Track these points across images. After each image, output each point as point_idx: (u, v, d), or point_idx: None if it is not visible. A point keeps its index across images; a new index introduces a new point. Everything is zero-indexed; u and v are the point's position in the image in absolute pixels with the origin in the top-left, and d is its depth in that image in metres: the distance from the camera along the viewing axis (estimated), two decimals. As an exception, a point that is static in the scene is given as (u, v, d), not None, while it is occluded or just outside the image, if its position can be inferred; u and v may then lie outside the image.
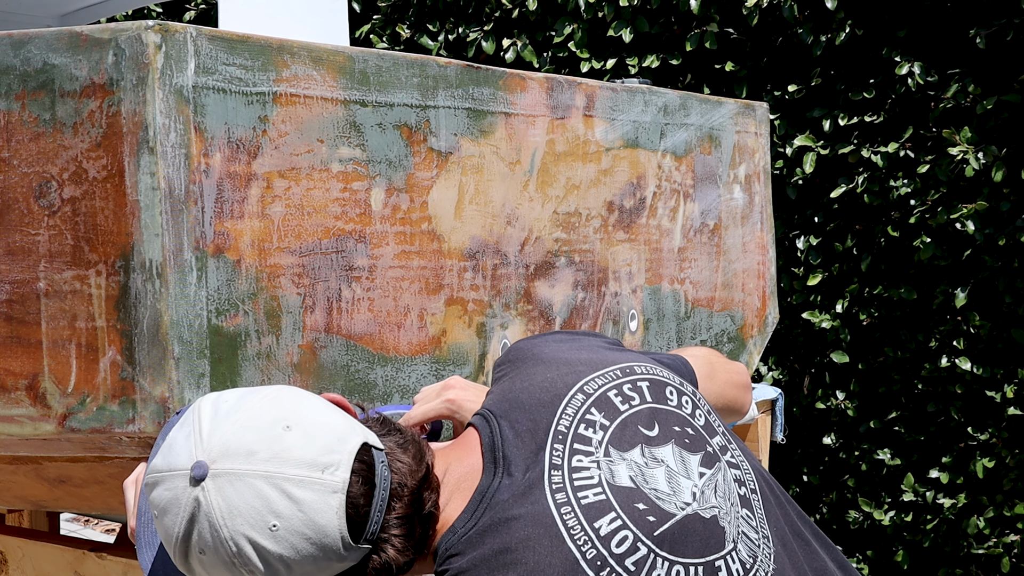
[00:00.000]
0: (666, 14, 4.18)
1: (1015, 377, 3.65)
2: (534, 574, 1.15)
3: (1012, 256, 3.61)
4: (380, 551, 1.18)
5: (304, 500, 1.12)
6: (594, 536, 1.18)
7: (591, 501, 1.20)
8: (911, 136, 3.76)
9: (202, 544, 1.12)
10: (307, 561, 1.12)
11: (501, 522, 1.19)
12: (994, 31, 3.57)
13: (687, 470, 1.26)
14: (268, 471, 1.12)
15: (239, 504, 1.11)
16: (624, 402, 1.29)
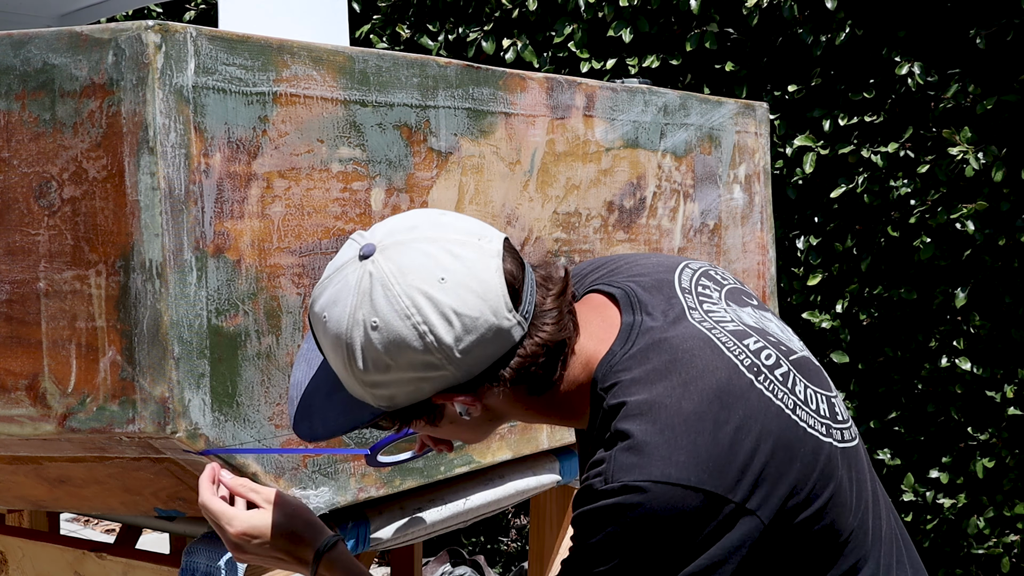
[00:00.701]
0: (666, 14, 4.18)
1: (1015, 377, 3.65)
2: (704, 373, 1.23)
3: (1012, 256, 3.61)
4: (534, 334, 1.24)
5: (467, 258, 1.20)
6: (745, 349, 1.27)
7: (733, 328, 1.30)
8: (911, 136, 3.76)
9: (376, 313, 1.18)
10: (476, 320, 1.19)
11: (659, 342, 1.27)
12: (994, 31, 3.57)
13: (788, 334, 1.38)
14: (431, 236, 1.21)
15: (408, 264, 1.19)
16: (722, 277, 1.41)
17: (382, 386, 1.22)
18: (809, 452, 1.24)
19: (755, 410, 1.22)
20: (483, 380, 1.23)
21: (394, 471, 1.71)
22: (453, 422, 1.29)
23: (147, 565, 1.67)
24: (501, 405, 1.28)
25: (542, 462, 2.10)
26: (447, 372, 1.21)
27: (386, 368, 1.20)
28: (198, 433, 1.42)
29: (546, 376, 1.26)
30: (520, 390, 1.26)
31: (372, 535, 1.72)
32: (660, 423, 1.20)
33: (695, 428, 1.20)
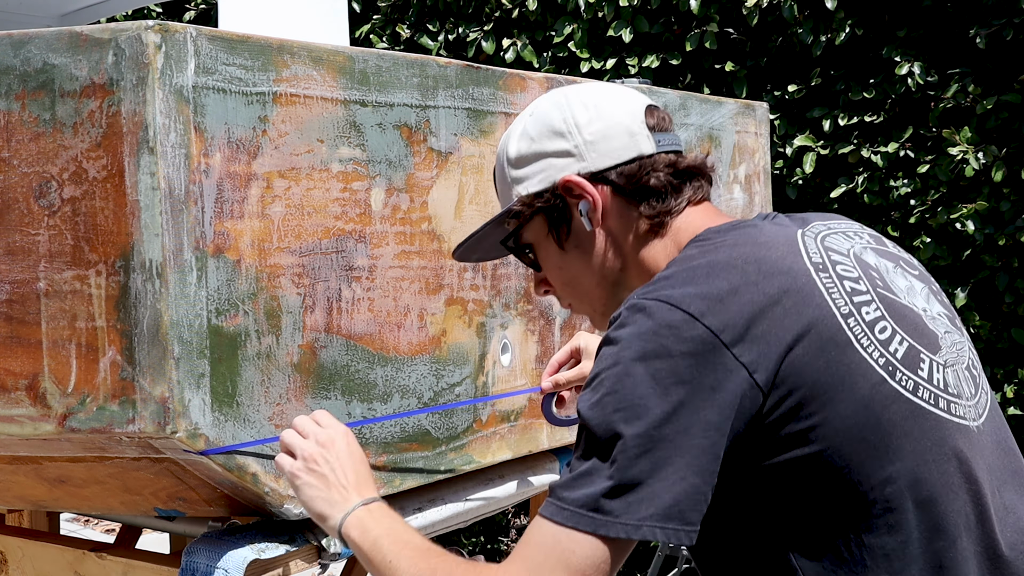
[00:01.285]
0: (666, 14, 4.18)
1: (1015, 377, 3.65)
2: (758, 245, 1.23)
3: (1012, 256, 3.61)
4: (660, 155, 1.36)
5: (624, 87, 1.43)
6: (824, 254, 1.25)
7: (833, 246, 1.27)
8: (911, 136, 3.76)
9: (537, 106, 1.40)
10: (610, 114, 1.36)
11: (748, 226, 1.30)
12: (994, 31, 3.57)
13: (927, 302, 1.29)
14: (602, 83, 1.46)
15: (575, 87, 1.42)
16: (896, 249, 1.38)
17: (521, 169, 1.38)
18: (836, 350, 1.16)
19: (798, 290, 1.18)
20: (606, 175, 1.34)
21: (394, 471, 1.71)
22: (579, 244, 1.37)
23: (147, 565, 1.67)
24: (619, 229, 1.35)
25: (542, 462, 2.10)
26: (575, 157, 1.35)
27: (529, 143, 1.38)
28: (198, 433, 1.42)
29: (663, 195, 1.34)
30: (634, 215, 1.35)
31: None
32: (685, 266, 1.23)
33: (719, 275, 1.19)
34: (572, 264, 1.39)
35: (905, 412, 1.17)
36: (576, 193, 1.35)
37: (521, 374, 1.96)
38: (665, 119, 1.39)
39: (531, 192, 1.37)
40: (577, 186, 1.35)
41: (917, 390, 1.19)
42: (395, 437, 1.71)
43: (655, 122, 1.37)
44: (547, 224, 1.38)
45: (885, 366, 1.18)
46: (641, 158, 1.35)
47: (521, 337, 1.96)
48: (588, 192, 1.34)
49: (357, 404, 1.64)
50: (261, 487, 1.51)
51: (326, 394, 1.59)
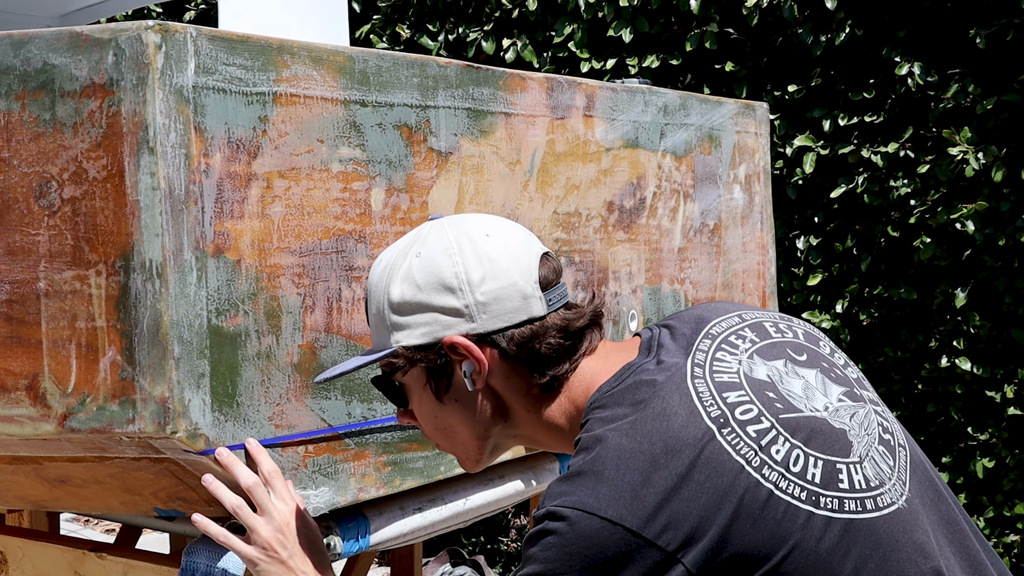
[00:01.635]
0: (666, 14, 4.18)
1: (1015, 377, 3.65)
2: (658, 417, 1.22)
3: (1012, 256, 3.61)
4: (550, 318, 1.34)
5: (515, 236, 1.37)
6: (720, 401, 1.24)
7: (723, 380, 1.27)
8: (911, 136, 3.76)
9: (425, 246, 1.35)
10: (504, 273, 1.32)
11: (641, 384, 1.28)
12: (994, 31, 3.57)
13: (825, 391, 1.30)
14: (493, 217, 1.41)
15: (464, 221, 1.37)
16: (777, 332, 1.36)
17: (406, 316, 1.34)
18: (761, 510, 1.18)
19: (705, 460, 1.20)
20: (494, 337, 1.32)
21: (394, 471, 1.71)
22: (458, 399, 1.35)
23: (147, 565, 1.67)
24: (505, 390, 1.35)
25: (542, 462, 2.10)
26: (464, 317, 1.32)
27: (414, 292, 1.33)
28: (198, 433, 1.42)
29: (555, 360, 1.33)
30: (523, 378, 1.34)
31: (372, 535, 1.72)
32: (596, 457, 1.21)
33: (628, 466, 1.19)
34: (448, 416, 1.38)
35: (838, 533, 1.20)
36: (461, 353, 1.33)
37: (521, 374, 1.96)
38: (556, 270, 1.37)
39: (412, 344, 1.34)
40: (463, 347, 1.32)
41: (843, 505, 1.21)
42: (395, 437, 1.71)
43: (546, 275, 1.35)
44: (425, 375, 1.36)
45: (808, 498, 1.20)
46: (532, 321, 1.33)
47: (521, 337, 1.96)
48: (475, 356, 1.33)
49: (357, 404, 1.64)
50: (261, 487, 1.51)
51: (326, 394, 1.59)
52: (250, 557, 1.43)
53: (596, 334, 1.37)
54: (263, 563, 1.42)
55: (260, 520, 1.43)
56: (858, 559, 1.19)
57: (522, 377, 1.34)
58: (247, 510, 1.44)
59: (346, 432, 1.64)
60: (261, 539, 1.42)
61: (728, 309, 1.39)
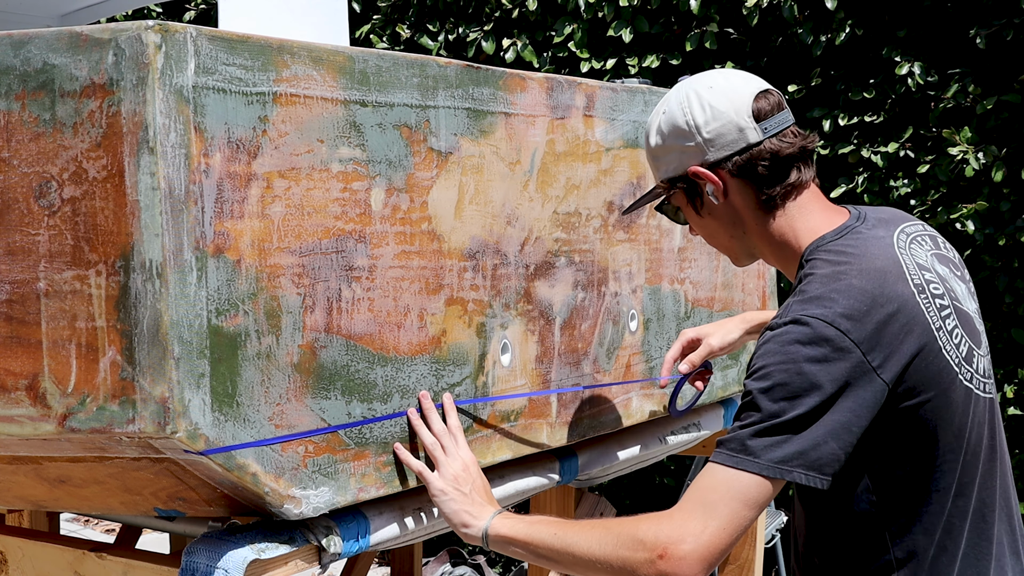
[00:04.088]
0: (666, 14, 4.18)
1: (1015, 377, 3.65)
2: (878, 269, 1.61)
3: (1012, 256, 3.61)
4: (766, 143, 1.71)
5: (735, 81, 1.76)
6: (920, 274, 1.64)
7: (920, 261, 1.67)
8: (911, 136, 3.76)
9: (667, 103, 1.77)
10: (722, 113, 1.71)
11: (859, 242, 1.66)
12: (994, 31, 3.57)
13: (973, 301, 1.76)
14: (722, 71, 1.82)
15: (696, 78, 1.79)
16: (944, 248, 1.79)
17: (661, 158, 1.79)
18: (932, 356, 1.59)
19: (908, 308, 1.58)
20: (723, 163, 1.71)
21: (394, 471, 1.71)
22: (711, 212, 1.77)
23: (147, 565, 1.67)
24: (740, 204, 1.73)
25: (542, 462, 2.10)
26: (698, 149, 1.72)
27: (663, 139, 1.77)
28: (198, 433, 1.42)
29: (769, 181, 1.70)
30: (751, 194, 1.72)
31: (372, 535, 1.72)
32: (831, 286, 1.58)
33: (856, 297, 1.57)
34: (708, 225, 1.80)
35: (963, 395, 1.63)
36: (702, 178, 1.74)
37: (521, 374, 1.96)
38: (771, 104, 1.72)
39: (669, 176, 1.78)
40: (702, 174, 1.73)
41: (972, 380, 1.65)
42: (395, 437, 1.71)
43: (762, 108, 1.71)
44: (686, 197, 1.79)
45: (957, 365, 1.63)
46: (749, 147, 1.70)
47: (521, 337, 1.96)
48: (711, 179, 1.73)
49: (357, 404, 1.64)
50: (261, 487, 1.51)
51: (326, 394, 1.59)
52: (440, 487, 1.73)
53: (806, 169, 1.73)
54: (450, 493, 1.72)
55: (448, 460, 1.74)
56: (966, 419, 1.63)
57: (749, 193, 1.72)
58: (440, 449, 1.74)
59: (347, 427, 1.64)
60: (448, 474, 1.73)
61: (908, 216, 1.78)
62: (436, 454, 1.74)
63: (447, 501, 1.72)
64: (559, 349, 2.05)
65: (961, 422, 1.62)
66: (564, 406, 2.06)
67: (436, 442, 1.74)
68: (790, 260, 1.73)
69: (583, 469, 2.20)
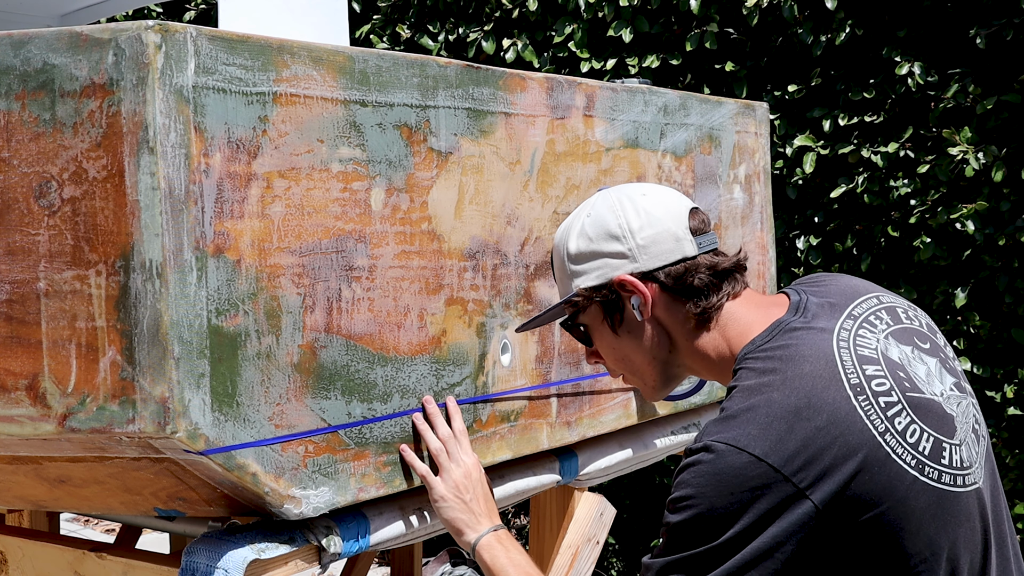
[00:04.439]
0: (666, 14, 4.18)
1: (1015, 377, 3.65)
2: (806, 377, 1.44)
3: (1012, 256, 3.61)
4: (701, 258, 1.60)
5: (668, 194, 1.66)
6: (860, 372, 1.46)
7: (864, 354, 1.48)
8: (911, 136, 3.76)
9: (594, 208, 1.65)
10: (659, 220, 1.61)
11: (791, 343, 1.49)
12: (994, 31, 3.57)
13: (941, 379, 1.53)
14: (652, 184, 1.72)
15: (626, 186, 1.68)
16: (907, 319, 1.58)
17: (581, 264, 1.64)
18: (878, 466, 1.40)
19: (840, 419, 1.41)
20: (655, 273, 1.59)
21: (394, 471, 1.71)
22: (631, 331, 1.63)
23: (147, 565, 1.67)
24: (668, 320, 1.61)
25: (542, 462, 2.10)
26: (628, 259, 1.60)
27: (588, 242, 1.63)
28: (198, 433, 1.42)
29: (706, 293, 1.59)
30: (681, 310, 1.60)
31: (372, 535, 1.72)
32: (749, 403, 1.44)
33: (776, 415, 1.41)
34: (624, 346, 1.65)
35: (932, 499, 1.43)
36: (629, 289, 1.61)
37: (521, 374, 1.96)
38: (705, 221, 1.64)
39: (589, 286, 1.63)
40: (630, 284, 1.60)
41: (941, 477, 1.44)
42: (395, 437, 1.71)
43: (696, 225, 1.62)
44: (602, 312, 1.64)
45: (916, 466, 1.43)
46: (685, 259, 1.60)
47: (521, 337, 1.96)
48: (640, 289, 1.60)
49: (357, 404, 1.64)
50: (261, 487, 1.51)
51: (326, 394, 1.59)
52: (441, 494, 1.73)
53: (740, 279, 1.62)
54: (450, 500, 1.73)
55: (452, 465, 1.74)
56: (940, 522, 1.43)
57: (680, 308, 1.60)
58: (445, 455, 1.74)
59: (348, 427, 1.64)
60: (451, 480, 1.73)
61: (867, 289, 1.61)
62: (441, 460, 1.74)
63: (446, 508, 1.73)
64: (559, 349, 2.05)
65: (934, 531, 1.43)
66: (564, 406, 2.06)
67: (441, 447, 1.74)
68: (726, 371, 1.59)
69: (583, 469, 2.20)
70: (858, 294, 1.58)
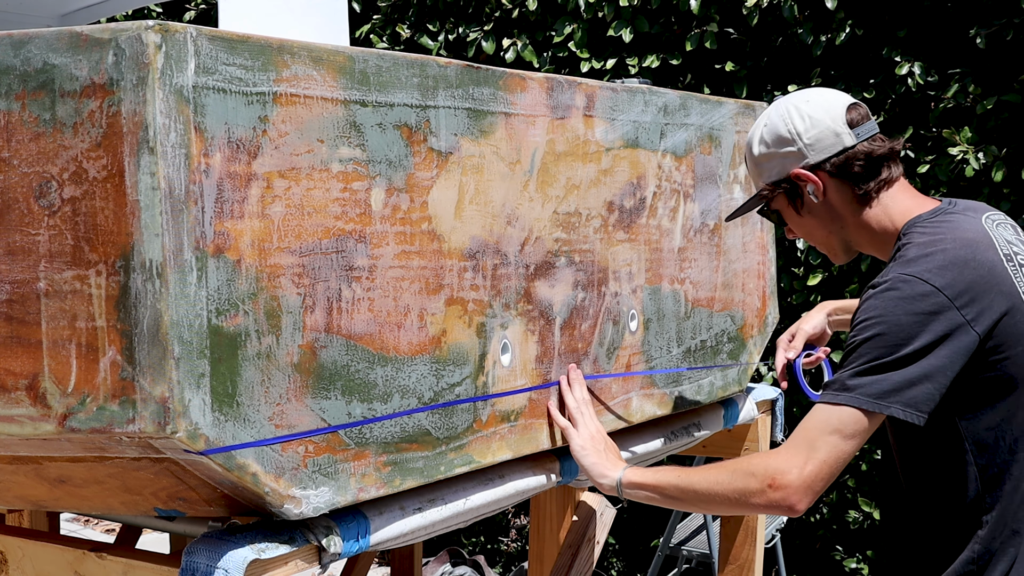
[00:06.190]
0: (666, 14, 4.18)
1: (1015, 377, 3.64)
2: (970, 241, 1.82)
3: (1012, 256, 3.61)
4: (859, 145, 1.94)
5: (828, 95, 1.99)
6: (1008, 247, 1.86)
7: (1007, 238, 1.88)
8: (911, 136, 3.75)
9: (768, 117, 2.01)
10: (819, 121, 1.95)
11: (954, 219, 1.87)
12: (994, 31, 3.57)
13: None
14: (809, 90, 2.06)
15: (792, 96, 2.03)
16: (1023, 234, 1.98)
17: (764, 164, 2.01)
18: (1020, 315, 1.79)
19: (997, 274, 1.79)
20: (822, 165, 1.94)
21: (394, 471, 1.72)
22: (811, 212, 1.98)
23: (147, 565, 1.67)
24: (838, 201, 1.96)
25: (542, 462, 2.10)
26: (798, 154, 1.95)
27: (766, 147, 2.00)
28: (198, 433, 1.42)
29: (864, 177, 1.93)
30: (848, 191, 1.95)
31: (372, 535, 1.72)
32: (927, 251, 1.80)
33: (950, 260, 1.78)
34: (808, 224, 2.02)
35: None
36: (803, 179, 1.96)
37: (521, 374, 1.96)
38: (860, 114, 1.96)
39: (772, 180, 2.00)
40: (804, 176, 1.96)
41: None
42: (395, 437, 1.71)
43: (853, 118, 1.94)
44: (787, 199, 2.01)
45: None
46: (846, 150, 1.93)
47: (521, 337, 1.96)
48: (811, 179, 1.95)
49: (357, 404, 1.64)
50: (261, 487, 1.51)
51: (326, 394, 1.59)
52: (581, 444, 2.03)
53: (895, 166, 1.96)
54: (588, 448, 2.02)
55: (585, 422, 2.05)
56: None
57: (846, 190, 1.95)
58: (580, 413, 2.05)
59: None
60: (587, 432, 2.04)
61: (990, 208, 1.97)
62: (576, 417, 2.04)
63: (585, 455, 2.02)
64: (559, 349, 2.05)
65: None
66: (565, 406, 2.06)
67: (578, 406, 2.04)
68: (887, 243, 1.93)
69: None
70: (992, 208, 1.97)
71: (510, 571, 5.22)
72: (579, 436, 2.03)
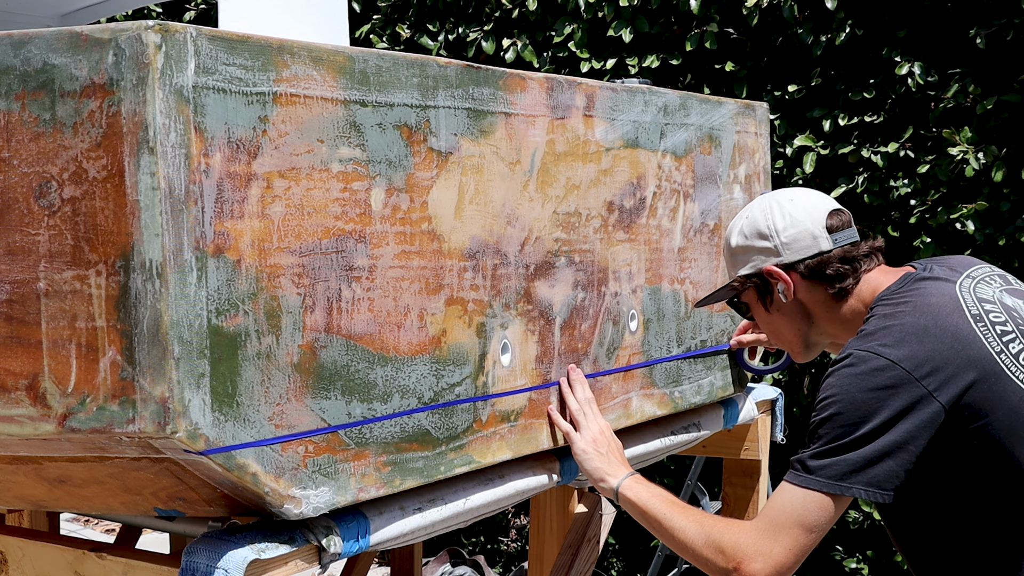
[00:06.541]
0: (666, 14, 4.18)
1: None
2: (932, 306, 1.78)
3: (1012, 256, 3.61)
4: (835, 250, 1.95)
5: (812, 198, 2.02)
6: (979, 307, 1.80)
7: (983, 296, 1.82)
8: (911, 136, 3.76)
9: (751, 211, 2.04)
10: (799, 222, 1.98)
11: (919, 286, 1.86)
12: (994, 31, 3.57)
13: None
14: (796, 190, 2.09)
15: (778, 192, 2.06)
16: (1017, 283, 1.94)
17: (740, 256, 2.04)
18: (995, 379, 1.73)
19: (961, 338, 1.74)
20: (795, 265, 1.97)
21: (394, 471, 1.72)
22: (779, 309, 2.01)
23: (147, 565, 1.67)
24: (809, 300, 1.98)
25: (542, 462, 2.10)
26: (773, 251, 1.98)
27: (744, 239, 2.02)
28: (198, 433, 1.42)
29: (840, 278, 1.94)
30: (820, 291, 1.96)
31: (372, 535, 1.72)
32: (885, 324, 1.78)
33: (908, 331, 1.75)
34: (775, 321, 2.05)
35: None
36: (775, 277, 2.00)
37: (521, 374, 1.96)
38: (843, 220, 2.00)
39: (744, 274, 2.04)
40: (776, 274, 1.99)
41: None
42: (395, 437, 1.71)
43: (834, 224, 1.98)
44: (756, 294, 2.04)
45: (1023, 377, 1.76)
46: (821, 254, 1.96)
47: (521, 337, 1.96)
48: (783, 278, 1.99)
49: (357, 404, 1.64)
50: (261, 487, 1.51)
51: (326, 394, 1.59)
52: (582, 447, 2.01)
53: (875, 259, 1.98)
54: (590, 452, 2.01)
55: (588, 424, 2.02)
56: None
57: (818, 290, 1.97)
58: (583, 415, 2.03)
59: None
60: (589, 435, 2.02)
61: (981, 262, 1.96)
62: (579, 419, 2.02)
63: (587, 459, 2.01)
64: (559, 349, 2.05)
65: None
66: (566, 407, 2.06)
67: (580, 408, 2.02)
68: (860, 324, 1.88)
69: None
70: (975, 263, 1.94)
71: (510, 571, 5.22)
72: (581, 439, 2.01)
